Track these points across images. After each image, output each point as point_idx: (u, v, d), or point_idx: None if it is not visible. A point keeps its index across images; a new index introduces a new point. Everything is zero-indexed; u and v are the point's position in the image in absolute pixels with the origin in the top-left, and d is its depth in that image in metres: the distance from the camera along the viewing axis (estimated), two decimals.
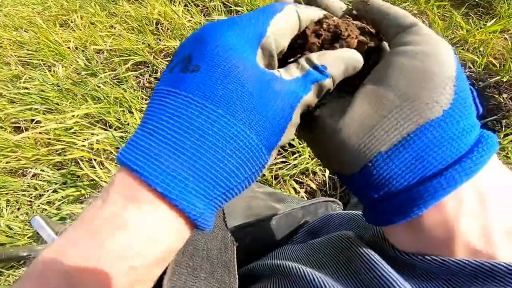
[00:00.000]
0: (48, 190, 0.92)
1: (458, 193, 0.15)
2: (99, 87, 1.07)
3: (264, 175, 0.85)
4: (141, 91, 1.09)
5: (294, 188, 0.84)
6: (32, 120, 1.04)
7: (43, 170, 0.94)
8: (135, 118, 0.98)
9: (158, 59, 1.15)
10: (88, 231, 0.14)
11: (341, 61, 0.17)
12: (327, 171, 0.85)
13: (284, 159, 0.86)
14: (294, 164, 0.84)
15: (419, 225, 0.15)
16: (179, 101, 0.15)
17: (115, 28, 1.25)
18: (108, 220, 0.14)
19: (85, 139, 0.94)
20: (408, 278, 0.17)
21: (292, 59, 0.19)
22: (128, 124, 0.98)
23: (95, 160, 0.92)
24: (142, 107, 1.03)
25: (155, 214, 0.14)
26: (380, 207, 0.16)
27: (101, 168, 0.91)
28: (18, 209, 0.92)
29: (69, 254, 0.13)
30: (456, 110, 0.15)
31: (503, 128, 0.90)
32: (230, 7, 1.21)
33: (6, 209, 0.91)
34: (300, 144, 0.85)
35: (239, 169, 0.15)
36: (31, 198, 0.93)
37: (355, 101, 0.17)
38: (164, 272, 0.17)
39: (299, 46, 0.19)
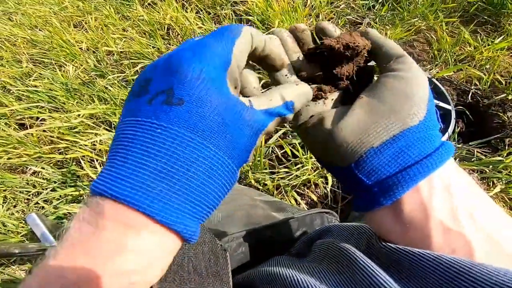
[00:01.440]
0: (46, 188, 0.91)
1: (430, 181, 0.19)
2: (107, 88, 1.08)
3: (266, 184, 0.83)
4: None
5: (295, 199, 0.82)
6: (38, 118, 1.05)
7: (43, 168, 0.93)
8: None
9: None
10: (86, 254, 0.15)
11: (303, 96, 0.22)
12: (329, 184, 0.83)
13: (286, 170, 0.85)
14: (296, 175, 0.83)
15: (400, 208, 0.19)
16: (167, 134, 0.16)
17: (127, 31, 1.28)
18: (107, 245, 0.15)
19: (88, 139, 0.94)
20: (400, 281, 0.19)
21: (266, 89, 0.22)
22: None
23: (96, 160, 0.92)
24: None
25: (153, 238, 0.16)
26: (370, 192, 0.20)
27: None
28: (15, 206, 0.91)
29: (67, 273, 0.14)
30: (427, 121, 0.20)
31: (507, 147, 0.88)
32: (241, 16, 1.23)
33: (2, 206, 0.90)
34: (303, 155, 0.84)
35: (221, 190, 0.18)
36: (29, 195, 0.92)
37: (353, 109, 0.21)
38: None
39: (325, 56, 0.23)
